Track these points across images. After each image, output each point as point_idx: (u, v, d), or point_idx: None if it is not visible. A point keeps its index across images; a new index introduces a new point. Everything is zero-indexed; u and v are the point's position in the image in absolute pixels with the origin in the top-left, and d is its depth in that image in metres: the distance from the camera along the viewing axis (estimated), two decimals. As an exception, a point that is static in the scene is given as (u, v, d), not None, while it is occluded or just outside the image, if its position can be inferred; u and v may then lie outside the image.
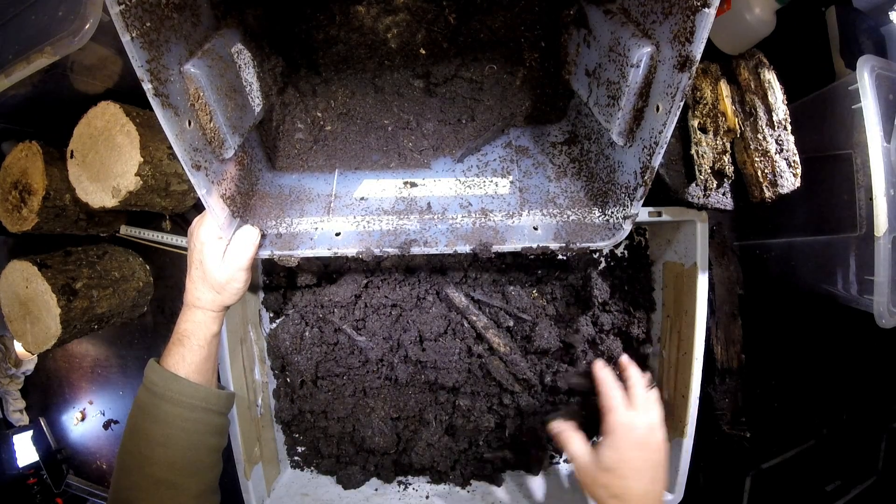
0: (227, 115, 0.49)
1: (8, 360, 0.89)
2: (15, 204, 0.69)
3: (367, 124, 0.66)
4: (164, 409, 0.49)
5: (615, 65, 0.48)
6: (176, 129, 0.42)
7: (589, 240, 0.54)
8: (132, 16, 0.37)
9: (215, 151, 0.49)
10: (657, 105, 0.44)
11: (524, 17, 0.62)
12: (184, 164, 0.44)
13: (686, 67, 0.39)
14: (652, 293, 0.75)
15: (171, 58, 0.42)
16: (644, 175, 0.47)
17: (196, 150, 0.45)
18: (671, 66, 0.41)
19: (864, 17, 0.71)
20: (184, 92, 0.44)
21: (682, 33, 0.39)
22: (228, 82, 0.50)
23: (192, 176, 0.45)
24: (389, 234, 0.55)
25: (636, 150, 0.48)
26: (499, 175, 0.62)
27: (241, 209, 0.55)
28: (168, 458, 0.49)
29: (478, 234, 0.55)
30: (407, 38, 0.61)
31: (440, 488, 0.75)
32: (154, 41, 0.40)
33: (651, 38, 0.44)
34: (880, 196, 0.55)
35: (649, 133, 0.45)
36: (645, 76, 0.45)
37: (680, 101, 0.40)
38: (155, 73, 0.39)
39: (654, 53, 0.43)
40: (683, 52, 0.39)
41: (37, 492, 0.90)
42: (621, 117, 0.48)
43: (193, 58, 0.45)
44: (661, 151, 0.44)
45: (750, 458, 0.81)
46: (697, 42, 0.37)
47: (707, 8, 0.35)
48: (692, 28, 0.37)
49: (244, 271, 0.52)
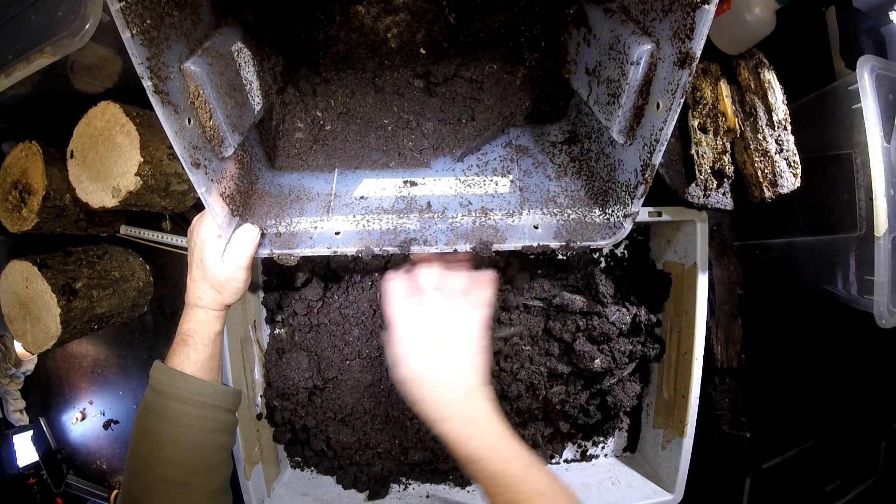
0: (226, 114, 0.49)
1: (8, 360, 0.89)
2: (15, 204, 0.69)
3: (366, 124, 0.66)
4: (172, 408, 0.49)
5: (615, 63, 0.48)
6: (175, 127, 0.42)
7: (589, 238, 0.54)
8: (132, 13, 0.37)
9: (215, 150, 0.49)
10: (657, 102, 0.44)
11: (524, 16, 0.62)
12: (183, 162, 0.44)
13: (686, 64, 0.39)
14: (653, 293, 0.75)
15: (171, 55, 0.42)
16: (645, 173, 0.47)
17: (195, 148, 0.45)
18: (671, 63, 0.41)
19: (864, 17, 0.71)
20: (184, 90, 0.44)
21: (682, 30, 0.39)
22: (228, 80, 0.50)
23: (192, 174, 0.45)
24: (389, 233, 0.55)
25: (636, 147, 0.48)
26: (499, 174, 0.62)
27: (240, 208, 0.55)
28: (178, 457, 0.48)
29: (478, 232, 0.55)
30: (407, 37, 0.61)
31: (440, 488, 0.75)
32: (154, 38, 0.40)
33: (651, 36, 0.44)
34: (880, 196, 0.55)
35: (650, 131, 0.45)
36: (645, 73, 0.45)
37: (680, 99, 0.40)
38: (155, 71, 0.39)
39: (655, 51, 0.43)
40: (684, 49, 0.39)
41: (37, 492, 0.90)
42: (621, 115, 0.48)
43: (193, 56, 0.45)
44: (662, 149, 0.44)
45: (750, 458, 0.82)
46: (697, 39, 0.37)
47: (707, 4, 0.36)
48: (692, 25, 0.37)
49: (244, 270, 0.52)
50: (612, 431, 0.80)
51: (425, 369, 0.48)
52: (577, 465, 0.79)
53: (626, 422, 0.80)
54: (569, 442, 0.79)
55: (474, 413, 0.46)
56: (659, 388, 0.74)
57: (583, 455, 0.80)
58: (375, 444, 0.74)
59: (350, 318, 0.72)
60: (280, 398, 0.75)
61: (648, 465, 0.76)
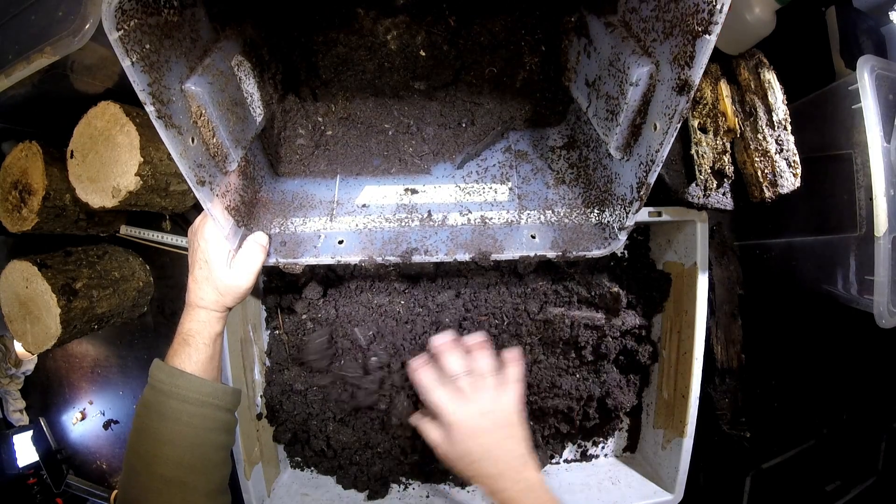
0: (229, 129, 0.49)
1: (8, 360, 0.89)
2: (15, 204, 0.69)
3: (367, 129, 0.66)
4: (171, 406, 0.49)
5: (615, 80, 0.48)
6: (180, 148, 0.42)
7: (585, 248, 0.55)
8: (131, 40, 0.36)
9: (219, 165, 0.49)
10: (654, 124, 0.43)
11: (525, 20, 0.62)
12: (188, 181, 0.44)
13: (684, 91, 0.38)
14: (653, 293, 0.75)
15: (172, 77, 0.42)
16: (640, 190, 0.47)
17: (200, 167, 0.45)
18: (670, 87, 0.40)
19: (864, 17, 0.71)
20: (186, 110, 0.44)
21: (681, 56, 0.38)
22: (230, 96, 0.50)
23: (197, 191, 0.45)
24: (391, 243, 0.56)
25: (633, 164, 0.48)
26: (498, 181, 0.62)
27: (245, 218, 0.56)
28: (176, 456, 0.48)
29: (477, 242, 0.56)
30: (407, 41, 0.61)
31: (440, 488, 0.75)
32: (154, 63, 0.39)
33: (651, 57, 0.43)
34: (880, 196, 0.55)
35: (646, 150, 0.45)
36: (643, 94, 0.44)
37: (677, 123, 0.40)
38: (157, 96, 0.39)
39: (654, 72, 0.43)
40: (682, 76, 0.38)
41: (37, 492, 0.90)
42: (619, 133, 0.48)
43: (194, 75, 0.45)
44: (657, 169, 0.44)
45: (750, 458, 0.82)
46: (697, 67, 0.37)
47: (708, 35, 0.35)
48: (692, 53, 0.37)
49: (254, 276, 0.53)
50: (612, 431, 0.80)
51: (479, 449, 0.51)
52: (578, 464, 0.79)
53: (627, 422, 0.80)
54: (569, 442, 0.79)
55: (531, 482, 0.50)
56: (659, 388, 0.74)
57: (583, 455, 0.80)
58: (375, 444, 0.74)
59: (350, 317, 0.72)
60: (280, 397, 0.75)
61: (648, 465, 0.76)
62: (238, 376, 0.69)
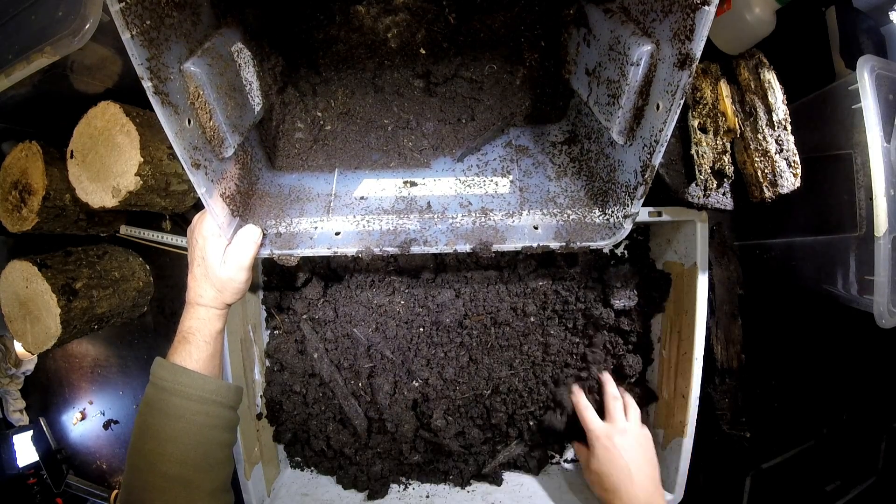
0: (226, 114, 0.49)
1: (8, 360, 0.89)
2: (15, 204, 0.69)
3: (367, 124, 0.66)
4: (173, 404, 0.49)
5: (615, 63, 0.48)
6: (175, 128, 0.42)
7: (589, 239, 0.54)
8: (132, 14, 0.37)
9: (215, 150, 0.49)
10: (657, 103, 0.44)
11: (524, 16, 0.62)
12: (183, 163, 0.44)
13: (686, 65, 0.39)
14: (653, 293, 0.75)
15: (171, 56, 0.42)
16: (644, 174, 0.47)
17: (195, 149, 0.45)
18: (671, 64, 0.41)
19: (864, 17, 0.71)
20: (184, 90, 0.44)
21: (682, 31, 0.39)
22: (228, 81, 0.50)
23: (192, 174, 0.45)
24: (389, 234, 0.55)
25: (636, 148, 0.48)
26: (499, 174, 0.62)
27: (240, 208, 0.55)
28: (179, 453, 0.48)
29: (478, 233, 0.55)
30: (407, 37, 0.61)
31: (440, 488, 0.75)
32: (154, 39, 0.40)
33: (651, 37, 0.44)
34: (880, 196, 0.55)
35: (649, 132, 0.45)
36: (645, 74, 0.45)
37: (680, 100, 0.40)
38: (155, 72, 0.39)
39: (654, 52, 0.43)
40: (683, 50, 0.39)
41: (37, 492, 0.90)
42: (621, 116, 0.48)
43: (193, 56, 0.45)
44: (662, 150, 0.44)
45: (750, 458, 0.81)
46: (697, 40, 0.37)
47: (707, 6, 0.35)
48: (692, 26, 0.37)
49: (246, 270, 0.52)
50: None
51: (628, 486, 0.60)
52: (578, 464, 0.79)
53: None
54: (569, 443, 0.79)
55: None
56: (659, 388, 0.74)
57: (583, 455, 0.79)
58: (375, 444, 0.74)
59: (350, 317, 0.72)
60: (280, 397, 0.75)
61: (648, 465, 0.76)
62: (238, 376, 0.69)
